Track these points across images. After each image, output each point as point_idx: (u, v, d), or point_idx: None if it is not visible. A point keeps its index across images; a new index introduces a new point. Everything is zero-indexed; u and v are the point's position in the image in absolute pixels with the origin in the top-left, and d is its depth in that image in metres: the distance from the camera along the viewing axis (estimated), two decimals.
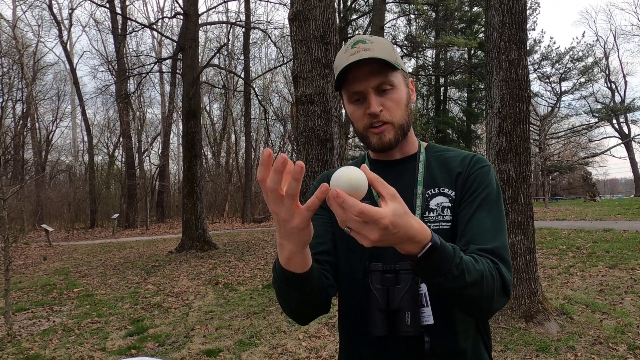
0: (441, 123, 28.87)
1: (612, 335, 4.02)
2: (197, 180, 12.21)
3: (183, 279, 8.17)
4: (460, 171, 1.05)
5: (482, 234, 0.95)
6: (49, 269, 10.47)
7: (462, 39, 21.71)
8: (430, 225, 1.00)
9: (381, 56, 0.98)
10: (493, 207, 1.00)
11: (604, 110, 33.84)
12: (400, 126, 1.04)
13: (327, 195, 0.71)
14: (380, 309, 0.94)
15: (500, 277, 0.89)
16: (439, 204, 1.03)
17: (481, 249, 0.92)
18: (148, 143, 31.90)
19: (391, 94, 1.02)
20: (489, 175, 1.04)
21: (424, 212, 1.03)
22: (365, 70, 0.99)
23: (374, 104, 1.00)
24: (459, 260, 0.81)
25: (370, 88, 1.00)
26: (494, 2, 4.60)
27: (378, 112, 1.00)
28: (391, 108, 1.02)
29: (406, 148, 1.11)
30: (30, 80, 26.63)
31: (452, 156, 1.10)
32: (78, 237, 20.62)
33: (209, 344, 4.48)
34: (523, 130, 4.53)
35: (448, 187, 1.04)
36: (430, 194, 1.04)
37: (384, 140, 1.03)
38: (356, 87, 1.01)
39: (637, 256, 7.22)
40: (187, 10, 12.62)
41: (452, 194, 1.04)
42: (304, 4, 5.49)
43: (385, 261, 0.99)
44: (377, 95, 1.01)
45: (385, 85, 1.01)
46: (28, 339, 4.96)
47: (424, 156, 1.10)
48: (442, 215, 1.02)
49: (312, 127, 5.49)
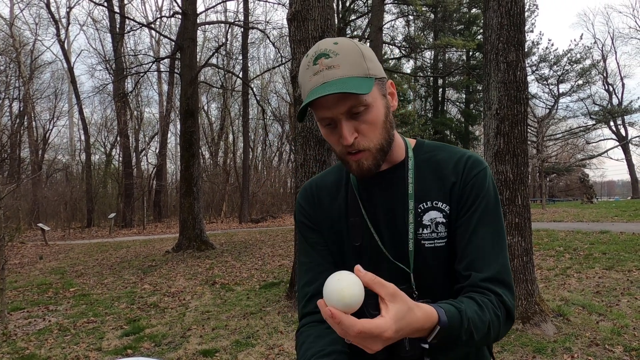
0: (439, 124, 28.93)
1: (608, 337, 4.03)
2: (195, 180, 12.19)
3: (180, 279, 8.15)
4: (454, 181, 0.97)
5: (484, 257, 0.92)
6: (45, 268, 10.43)
7: (460, 40, 21.77)
8: (425, 242, 0.95)
9: (348, 75, 0.87)
10: (492, 218, 0.95)
11: (601, 112, 33.97)
12: (380, 149, 0.93)
13: (322, 312, 0.69)
14: None
15: (505, 308, 0.88)
16: (432, 219, 0.96)
17: (484, 279, 0.90)
18: (145, 142, 31.86)
19: (365, 116, 0.90)
20: (486, 181, 0.97)
21: (417, 229, 0.96)
22: (332, 97, 0.87)
23: (346, 135, 0.89)
24: (466, 324, 0.79)
25: (340, 115, 0.89)
26: (493, 4, 4.60)
27: (351, 142, 0.89)
28: (367, 132, 0.91)
29: (392, 157, 1.00)
30: (28, 79, 26.54)
31: (444, 159, 1.00)
32: (74, 236, 20.56)
33: (206, 344, 4.47)
34: (521, 131, 4.54)
35: (442, 200, 0.97)
36: (422, 209, 0.97)
37: (362, 168, 0.93)
38: (325, 114, 0.90)
39: (634, 258, 7.24)
40: (186, 9, 12.61)
41: (446, 209, 0.96)
42: (302, 4, 5.49)
43: None
44: (349, 120, 0.89)
45: (358, 108, 0.88)
46: (23, 339, 4.94)
47: (413, 162, 1.00)
48: (436, 232, 0.96)
49: (310, 128, 5.48)
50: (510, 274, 0.93)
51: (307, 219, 1.08)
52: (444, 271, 0.97)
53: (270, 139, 35.46)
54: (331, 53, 0.88)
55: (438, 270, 0.97)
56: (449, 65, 28.67)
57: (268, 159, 36.26)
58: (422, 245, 0.96)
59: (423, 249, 0.96)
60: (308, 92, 0.89)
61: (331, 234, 1.04)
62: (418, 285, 0.96)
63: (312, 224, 1.07)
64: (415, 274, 0.96)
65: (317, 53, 0.89)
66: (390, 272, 0.95)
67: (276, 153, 36.61)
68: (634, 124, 35.29)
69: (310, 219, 1.07)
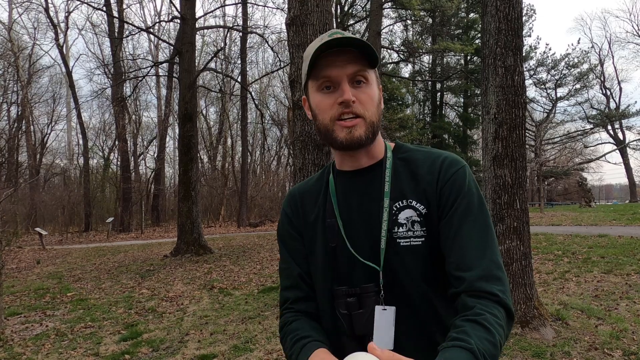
0: (437, 128, 28.98)
1: (607, 341, 4.02)
2: (193, 184, 12.17)
3: (178, 283, 8.12)
4: (429, 180, 0.95)
5: (471, 255, 0.88)
6: (43, 273, 10.38)
7: (458, 44, 21.84)
8: (400, 241, 0.94)
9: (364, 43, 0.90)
10: (477, 216, 0.92)
11: (599, 116, 34.08)
12: (372, 123, 0.94)
13: None
14: (347, 335, 0.91)
15: (503, 307, 0.85)
16: (408, 217, 0.94)
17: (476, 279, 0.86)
18: (144, 146, 31.87)
19: (365, 88, 0.93)
20: (465, 179, 0.95)
21: (392, 227, 0.94)
22: (343, 57, 0.90)
23: (347, 91, 0.90)
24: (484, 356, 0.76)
25: (345, 75, 0.91)
26: (490, 8, 4.62)
27: (351, 100, 0.90)
28: (365, 102, 0.93)
29: (374, 152, 1.01)
30: (26, 83, 26.53)
31: (420, 160, 0.99)
32: (72, 240, 20.49)
33: (204, 349, 4.45)
34: (519, 136, 4.54)
35: (416, 199, 0.95)
36: (398, 207, 0.96)
37: (353, 135, 0.92)
38: (329, 72, 0.91)
39: (632, 262, 7.24)
40: (184, 14, 12.63)
41: (421, 208, 0.95)
42: (301, 9, 5.50)
43: (350, 284, 0.95)
44: (351, 86, 0.92)
45: (361, 77, 0.92)
46: (20, 344, 4.91)
47: (391, 161, 1.00)
48: (412, 230, 0.94)
49: (309, 132, 5.48)
50: (501, 267, 0.90)
51: (289, 225, 1.10)
52: (421, 272, 0.94)
53: (268, 143, 35.45)
54: (346, 33, 0.93)
55: (415, 270, 0.94)
56: (447, 69, 28.75)
57: (266, 163, 36.28)
58: (397, 244, 0.94)
59: (398, 247, 0.94)
60: (321, 44, 0.91)
61: (309, 237, 1.06)
62: (387, 284, 0.94)
63: (293, 231, 1.09)
64: (385, 273, 0.94)
65: (333, 31, 0.94)
66: (364, 271, 0.95)
67: (274, 157, 36.63)
68: (631, 128, 35.44)
69: (292, 225, 1.09)
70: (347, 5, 22.47)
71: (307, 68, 0.94)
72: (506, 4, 4.54)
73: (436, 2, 19.27)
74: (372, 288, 0.91)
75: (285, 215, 1.11)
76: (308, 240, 1.06)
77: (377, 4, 15.97)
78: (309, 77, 0.95)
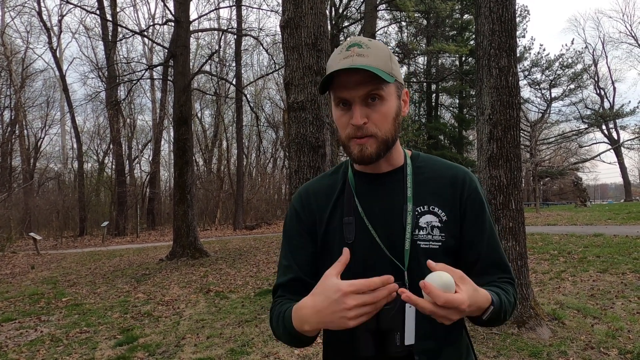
0: (433, 129, 29.08)
1: (603, 340, 4.03)
2: (189, 187, 12.14)
3: (174, 287, 8.08)
4: (453, 193, 1.05)
5: (493, 256, 1.07)
6: (37, 278, 10.31)
7: (453, 46, 21.91)
8: (421, 243, 1.01)
9: (374, 65, 0.94)
10: (489, 219, 1.08)
11: (593, 116, 34.30)
12: (384, 141, 1.00)
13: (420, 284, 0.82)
14: (369, 330, 0.91)
15: (515, 290, 1.05)
16: (428, 222, 1.02)
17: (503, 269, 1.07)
18: (139, 150, 31.73)
19: (379, 106, 0.98)
20: (480, 190, 1.09)
21: (414, 230, 1.01)
22: (355, 78, 0.95)
23: (357, 116, 0.96)
24: (505, 307, 0.96)
25: (356, 98, 0.96)
26: (484, 10, 4.64)
27: (361, 124, 0.96)
28: (377, 121, 0.98)
29: (393, 159, 1.08)
30: (19, 87, 26.38)
31: (439, 170, 1.09)
32: (67, 245, 20.36)
33: (200, 352, 4.42)
34: (514, 136, 4.56)
35: (438, 206, 1.04)
36: (419, 212, 1.03)
37: (364, 153, 0.99)
38: (343, 94, 0.97)
39: (628, 260, 7.28)
40: (179, 17, 12.61)
41: (442, 215, 1.03)
42: (295, 11, 5.50)
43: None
44: (363, 106, 0.97)
45: (375, 95, 0.97)
46: (15, 350, 4.87)
47: (411, 169, 1.07)
48: (431, 234, 1.01)
49: (304, 134, 5.48)
50: (507, 258, 1.14)
51: (297, 221, 1.11)
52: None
53: (264, 145, 35.48)
54: (364, 45, 0.97)
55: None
56: (442, 70, 28.84)
57: (262, 165, 36.23)
58: (417, 246, 1.01)
59: (418, 249, 1.01)
60: (333, 71, 0.96)
61: (322, 234, 1.07)
62: (411, 284, 0.97)
63: (300, 228, 1.10)
64: (409, 273, 0.99)
65: (352, 42, 0.98)
66: (383, 269, 0.96)
67: (270, 159, 36.59)
68: (625, 127, 35.55)
69: (300, 222, 1.10)
70: (342, 7, 22.51)
71: (324, 81, 0.99)
72: (500, 5, 4.56)
73: (430, 3, 19.36)
74: (401, 285, 0.92)
75: (294, 211, 1.12)
76: (321, 237, 1.08)
77: (371, 5, 16.02)
78: (329, 88, 1.01)
